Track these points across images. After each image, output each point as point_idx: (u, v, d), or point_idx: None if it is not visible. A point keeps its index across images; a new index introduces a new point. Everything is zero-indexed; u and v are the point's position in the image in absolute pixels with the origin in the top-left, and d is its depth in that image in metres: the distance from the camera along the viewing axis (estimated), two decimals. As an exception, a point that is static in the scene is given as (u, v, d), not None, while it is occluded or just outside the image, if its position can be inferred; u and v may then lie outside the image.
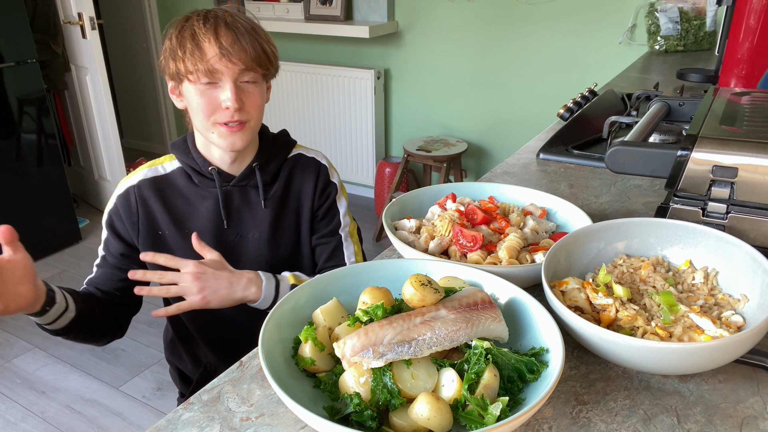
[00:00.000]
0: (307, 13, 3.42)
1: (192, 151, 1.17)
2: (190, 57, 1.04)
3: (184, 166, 1.17)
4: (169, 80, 1.13)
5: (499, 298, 0.73)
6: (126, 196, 1.16)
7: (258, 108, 1.11)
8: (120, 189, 1.17)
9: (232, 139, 1.09)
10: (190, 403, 0.66)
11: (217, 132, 1.09)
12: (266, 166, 1.20)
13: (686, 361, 0.61)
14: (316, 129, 3.69)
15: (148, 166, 1.19)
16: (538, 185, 1.21)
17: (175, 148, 1.19)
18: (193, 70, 1.04)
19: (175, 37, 1.06)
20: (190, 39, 1.04)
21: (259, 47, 1.07)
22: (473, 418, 0.57)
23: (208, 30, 1.04)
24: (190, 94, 1.08)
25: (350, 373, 0.60)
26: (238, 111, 1.07)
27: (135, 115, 4.65)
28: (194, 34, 1.04)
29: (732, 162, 0.77)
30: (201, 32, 1.04)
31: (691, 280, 0.77)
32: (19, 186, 3.02)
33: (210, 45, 1.03)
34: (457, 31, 3.17)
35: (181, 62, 1.05)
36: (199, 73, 1.04)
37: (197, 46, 1.04)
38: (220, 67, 1.04)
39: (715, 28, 2.42)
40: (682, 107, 1.22)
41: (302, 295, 0.72)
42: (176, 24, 1.08)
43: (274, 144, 1.23)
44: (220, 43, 1.03)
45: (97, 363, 2.42)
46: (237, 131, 1.09)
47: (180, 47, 1.05)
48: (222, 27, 1.05)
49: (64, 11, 3.20)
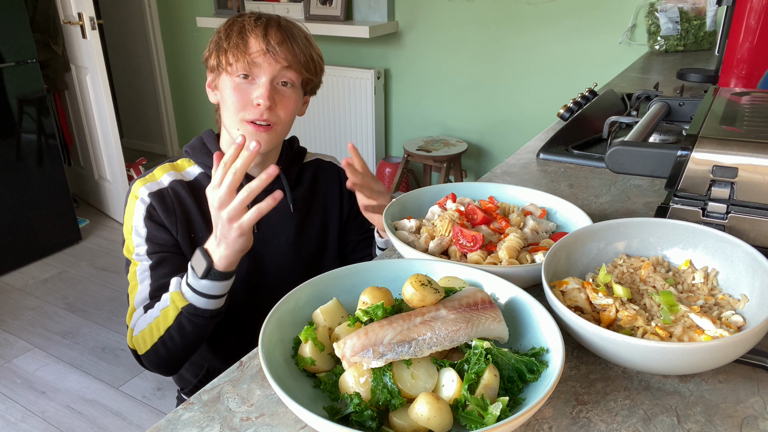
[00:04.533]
0: (307, 13, 3.42)
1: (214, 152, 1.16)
2: (233, 49, 1.05)
3: (206, 170, 1.15)
4: (208, 74, 1.14)
5: (499, 298, 0.73)
6: (160, 195, 1.11)
7: (290, 112, 1.10)
8: (144, 192, 1.11)
9: (255, 138, 1.08)
10: (190, 403, 0.66)
11: (243, 129, 1.08)
12: (288, 170, 1.21)
13: (686, 361, 0.61)
14: (316, 129, 3.69)
15: (167, 170, 1.15)
16: (538, 185, 1.21)
17: (194, 152, 1.17)
18: (233, 61, 1.05)
19: (223, 30, 1.09)
20: (237, 32, 1.06)
21: (309, 53, 1.10)
22: (473, 418, 0.57)
23: (258, 26, 1.06)
24: (225, 86, 1.08)
25: (350, 373, 0.60)
26: (268, 110, 1.06)
27: (135, 115, 4.64)
28: (242, 28, 1.06)
29: (732, 162, 0.77)
30: (250, 27, 1.06)
31: (691, 280, 0.77)
32: (19, 186, 3.02)
33: (256, 40, 1.05)
34: (457, 31, 3.17)
35: (224, 54, 1.06)
36: (238, 65, 1.05)
37: (243, 39, 1.05)
38: (262, 62, 1.05)
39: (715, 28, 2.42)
40: (682, 107, 1.22)
41: (302, 295, 0.72)
42: (227, 20, 1.11)
43: (291, 150, 1.24)
44: (267, 41, 1.05)
45: (97, 363, 2.42)
46: (263, 132, 1.08)
47: (226, 39, 1.07)
48: (273, 27, 1.07)
49: (64, 11, 3.20)
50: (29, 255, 3.15)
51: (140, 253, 1.10)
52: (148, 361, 1.07)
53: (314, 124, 3.68)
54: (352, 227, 1.31)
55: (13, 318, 2.71)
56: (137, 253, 1.10)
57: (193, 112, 4.38)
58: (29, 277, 3.04)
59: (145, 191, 1.11)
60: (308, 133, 3.71)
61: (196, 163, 1.17)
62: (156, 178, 1.13)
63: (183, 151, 1.19)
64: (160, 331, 1.02)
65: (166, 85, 4.37)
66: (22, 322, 2.68)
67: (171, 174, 1.14)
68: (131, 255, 1.11)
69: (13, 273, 3.07)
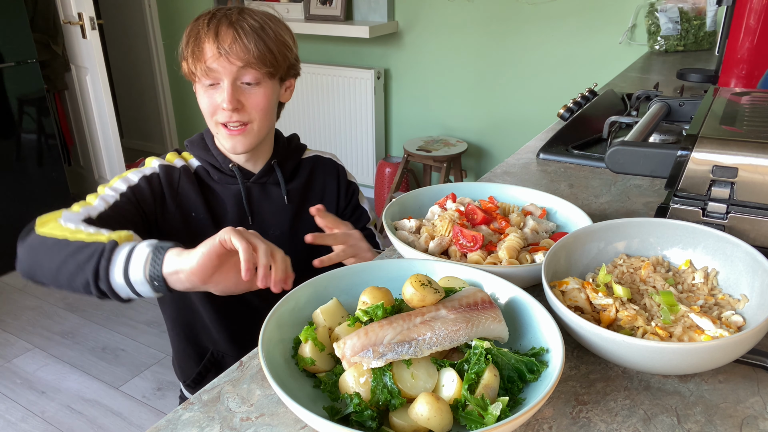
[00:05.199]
0: (307, 13, 3.42)
1: (211, 148, 1.18)
2: (191, 57, 1.06)
3: (203, 163, 1.18)
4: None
5: (499, 298, 0.73)
6: (168, 169, 1.13)
7: (261, 109, 1.10)
8: (155, 163, 1.12)
9: (233, 142, 1.10)
10: (190, 403, 0.66)
11: (220, 133, 1.11)
12: (284, 164, 1.22)
13: (686, 361, 0.61)
14: (316, 129, 3.69)
15: (177, 156, 1.17)
16: (538, 185, 1.21)
17: (194, 146, 1.19)
18: (194, 69, 1.06)
19: (185, 37, 1.09)
20: (193, 40, 1.06)
21: (264, 46, 1.06)
22: (473, 418, 0.57)
23: (210, 30, 1.05)
24: (198, 92, 1.10)
25: (350, 373, 0.60)
26: (236, 111, 1.07)
27: (135, 115, 4.64)
28: (198, 35, 1.06)
29: (732, 162, 0.77)
30: (203, 32, 1.05)
31: (691, 280, 0.77)
32: (19, 186, 3.02)
33: (209, 45, 1.04)
34: (457, 31, 3.17)
35: (186, 63, 1.08)
36: (199, 73, 1.06)
37: (198, 45, 1.05)
38: (217, 67, 1.04)
39: (715, 28, 2.42)
40: (682, 107, 1.22)
41: (302, 295, 0.72)
42: (190, 23, 1.10)
43: (289, 146, 1.26)
44: (218, 43, 1.03)
45: (97, 363, 2.42)
46: (237, 134, 1.10)
47: (186, 47, 1.07)
48: (224, 26, 1.05)
49: (64, 11, 3.20)
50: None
51: (115, 187, 1.06)
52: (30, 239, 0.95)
53: (314, 124, 3.68)
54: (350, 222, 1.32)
55: (13, 318, 2.71)
56: (112, 187, 1.06)
57: (193, 112, 4.38)
58: (29, 277, 3.04)
59: (157, 162, 1.14)
60: (308, 133, 3.70)
61: (194, 156, 1.19)
62: (169, 160, 1.16)
63: (184, 144, 1.21)
64: (72, 236, 0.90)
65: (166, 85, 4.37)
66: (22, 322, 2.68)
67: (181, 160, 1.17)
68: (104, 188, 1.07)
69: (13, 273, 3.07)
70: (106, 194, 1.05)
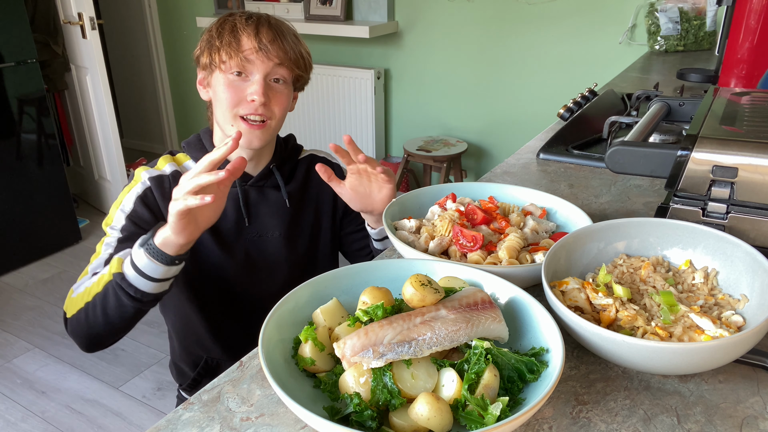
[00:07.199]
0: (307, 13, 3.42)
1: (209, 148, 1.18)
2: (226, 47, 1.07)
3: None
4: (200, 71, 1.16)
5: (499, 298, 0.73)
6: (159, 180, 1.13)
7: (282, 108, 1.13)
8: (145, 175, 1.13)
9: (250, 137, 1.11)
10: (190, 403, 0.66)
11: (237, 126, 1.10)
12: (282, 167, 1.23)
13: (686, 361, 0.61)
14: (316, 129, 3.69)
15: (168, 161, 1.17)
16: (538, 185, 1.21)
17: (191, 147, 1.20)
18: (227, 59, 1.07)
19: (215, 28, 1.10)
20: (229, 30, 1.08)
21: (298, 50, 1.13)
22: (473, 418, 0.57)
23: (249, 25, 1.08)
24: (218, 84, 1.10)
25: (350, 373, 0.60)
26: (263, 106, 1.09)
27: (135, 115, 4.65)
28: (234, 27, 1.08)
29: (732, 162, 0.77)
30: (241, 26, 1.08)
31: (691, 280, 0.77)
32: (19, 186, 3.02)
33: (248, 38, 1.07)
34: (457, 31, 3.17)
35: (216, 52, 1.08)
36: (231, 63, 1.07)
37: (235, 37, 1.07)
38: (254, 59, 1.07)
39: (715, 28, 2.42)
40: (682, 107, 1.22)
41: (302, 295, 0.72)
42: (218, 19, 1.13)
43: (286, 147, 1.27)
44: (259, 39, 1.07)
45: (97, 363, 2.42)
46: (257, 129, 1.11)
47: (218, 37, 1.09)
48: (264, 26, 1.09)
49: (64, 11, 3.20)
50: (29, 255, 3.15)
51: (116, 226, 1.11)
52: (71, 327, 1.07)
53: (314, 124, 3.68)
54: (348, 221, 1.33)
55: (13, 318, 2.71)
56: (113, 226, 1.11)
57: (193, 112, 4.38)
58: (29, 277, 3.04)
59: (146, 175, 1.14)
60: (308, 133, 3.71)
61: (191, 158, 1.19)
62: (159, 167, 1.16)
63: (181, 146, 1.22)
64: (90, 296, 1.02)
65: (166, 85, 4.38)
66: (22, 322, 2.68)
67: (172, 164, 1.17)
68: (107, 227, 1.12)
69: (13, 273, 3.07)
70: (109, 240, 1.10)
